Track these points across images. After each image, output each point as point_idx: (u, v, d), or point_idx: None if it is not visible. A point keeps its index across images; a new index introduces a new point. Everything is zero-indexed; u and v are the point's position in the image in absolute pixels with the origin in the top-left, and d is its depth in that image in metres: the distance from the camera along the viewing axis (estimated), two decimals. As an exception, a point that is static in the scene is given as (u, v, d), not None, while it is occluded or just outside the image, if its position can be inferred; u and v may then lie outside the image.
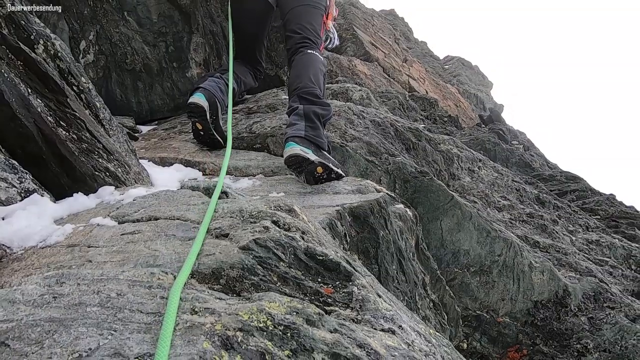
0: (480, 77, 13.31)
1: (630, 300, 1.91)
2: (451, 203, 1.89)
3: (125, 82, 2.96)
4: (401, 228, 1.44)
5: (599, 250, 2.27)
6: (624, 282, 2.05)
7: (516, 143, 3.80)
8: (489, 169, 2.44)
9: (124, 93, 2.97)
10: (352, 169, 1.91)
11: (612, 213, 3.05)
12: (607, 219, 3.06)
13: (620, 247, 2.31)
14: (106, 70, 2.94)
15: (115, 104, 2.95)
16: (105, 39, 2.89)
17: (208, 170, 1.82)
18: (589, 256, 2.18)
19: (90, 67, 2.94)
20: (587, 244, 2.27)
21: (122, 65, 2.92)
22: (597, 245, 2.28)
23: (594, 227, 2.43)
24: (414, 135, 2.19)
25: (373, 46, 9.47)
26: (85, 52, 2.95)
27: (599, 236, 2.34)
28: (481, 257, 1.93)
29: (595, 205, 3.10)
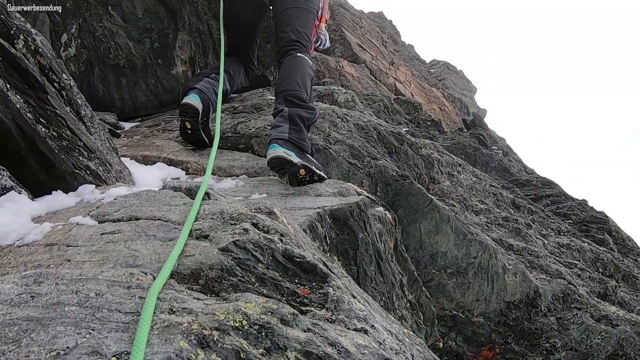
0: (464, 81, 13.58)
1: (595, 301, 2.01)
2: (430, 206, 1.95)
3: (108, 78, 2.91)
4: (380, 230, 1.48)
5: (569, 253, 2.37)
6: (590, 284, 2.16)
7: (496, 148, 3.92)
8: (468, 173, 2.52)
9: (106, 88, 2.92)
10: (335, 171, 1.94)
11: (584, 218, 3.19)
12: (579, 224, 3.19)
13: (589, 250, 2.42)
14: (88, 65, 2.89)
15: (97, 99, 2.90)
16: (88, 33, 2.84)
17: (191, 170, 1.82)
18: (559, 259, 2.28)
19: (71, 60, 2.89)
20: (559, 248, 2.37)
21: (105, 60, 2.87)
22: (567, 248, 2.39)
23: (565, 231, 2.54)
24: (396, 139, 2.25)
25: (361, 48, 9.55)
26: (67, 46, 2.89)
27: (570, 240, 2.45)
28: (458, 259, 1.99)
29: (568, 210, 3.23)
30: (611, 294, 2.16)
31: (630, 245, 3.18)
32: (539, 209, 2.66)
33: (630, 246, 3.18)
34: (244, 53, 2.50)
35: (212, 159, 1.56)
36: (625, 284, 2.40)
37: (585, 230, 3.10)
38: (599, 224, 3.15)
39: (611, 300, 2.13)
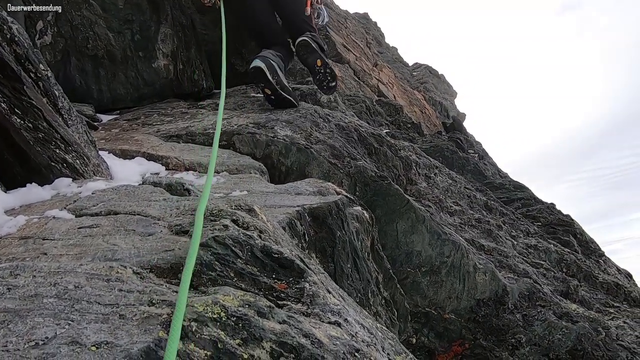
0: (445, 85, 13.89)
1: (558, 299, 2.13)
2: (407, 207, 2.01)
3: (86, 68, 2.84)
4: (358, 229, 1.52)
5: (536, 254, 2.50)
6: (554, 283, 2.28)
7: (472, 152, 4.05)
8: (444, 175, 2.60)
9: (84, 79, 2.85)
10: (316, 170, 1.98)
11: (551, 220, 3.35)
12: (547, 226, 3.35)
13: (554, 251, 2.56)
14: (65, 54, 2.81)
15: (74, 90, 2.82)
16: (66, 21, 2.76)
17: (171, 165, 1.81)
18: (527, 259, 2.40)
19: (47, 49, 2.80)
20: (527, 248, 2.49)
21: (82, 50, 2.80)
22: (534, 249, 2.51)
23: (533, 233, 2.66)
24: (376, 140, 2.30)
25: (345, 48, 9.61)
26: (42, 33, 2.80)
27: (537, 241, 2.57)
28: (432, 258, 2.07)
29: (537, 213, 3.38)
30: (573, 292, 2.29)
31: (593, 247, 3.37)
32: (510, 212, 2.78)
33: (593, 248, 3.37)
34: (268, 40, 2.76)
35: (214, 157, 1.57)
36: (586, 284, 2.55)
37: (552, 232, 3.26)
38: (565, 227, 3.32)
39: (572, 298, 2.26)
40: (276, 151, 1.98)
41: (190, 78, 2.96)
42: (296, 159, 1.97)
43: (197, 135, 2.10)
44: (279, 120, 2.08)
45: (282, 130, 2.01)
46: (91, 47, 2.80)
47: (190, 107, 2.70)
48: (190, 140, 2.09)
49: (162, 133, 2.17)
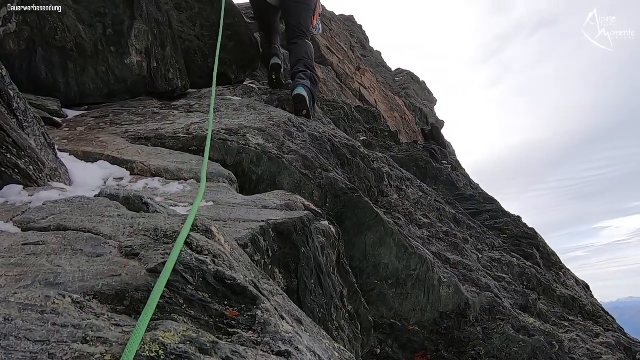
0: (426, 92, 14.16)
1: (517, 313, 2.21)
2: (376, 220, 2.04)
3: (53, 60, 2.72)
4: (323, 244, 1.52)
5: (500, 267, 2.58)
6: (515, 297, 2.36)
7: (446, 163, 4.14)
8: (416, 188, 2.65)
9: (50, 71, 2.73)
10: (287, 180, 1.97)
11: (517, 233, 3.47)
12: (512, 238, 3.47)
13: (516, 265, 2.65)
14: (30, 44, 2.68)
15: (40, 81, 2.70)
16: (32, 10, 2.63)
17: (136, 170, 1.75)
18: (490, 272, 2.47)
19: (10, 37, 2.66)
20: (491, 262, 2.56)
21: (50, 41, 2.68)
22: (498, 263, 2.59)
23: (498, 246, 2.75)
24: (349, 151, 2.31)
25: (329, 50, 9.62)
26: (6, 21, 2.66)
27: (501, 255, 2.66)
28: (398, 271, 2.10)
29: (504, 225, 3.49)
30: (532, 306, 2.38)
31: (554, 260, 3.52)
32: (477, 225, 2.86)
33: (554, 261, 3.51)
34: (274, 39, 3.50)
35: (205, 167, 1.54)
36: (545, 297, 2.66)
37: (517, 244, 3.38)
38: (529, 240, 3.45)
39: (531, 312, 2.34)
40: (247, 159, 1.96)
41: (165, 77, 2.88)
42: (267, 168, 1.96)
43: (166, 139, 2.05)
44: (252, 128, 2.06)
45: (255, 138, 1.99)
46: (59, 38, 2.68)
47: (163, 107, 2.63)
48: (160, 144, 2.03)
49: (130, 134, 2.10)
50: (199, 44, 3.27)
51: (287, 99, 3.02)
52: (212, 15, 3.26)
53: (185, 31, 3.20)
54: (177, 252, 0.76)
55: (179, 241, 0.79)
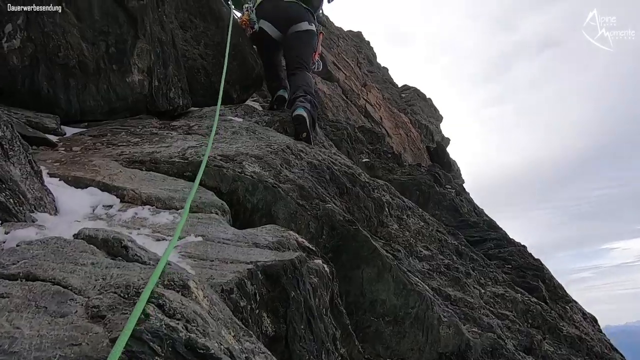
0: (432, 109, 14.15)
1: (521, 356, 2.09)
2: (374, 254, 1.96)
3: (55, 77, 2.71)
4: (316, 285, 1.45)
5: (503, 303, 2.47)
6: (518, 337, 2.25)
7: (449, 187, 4.06)
8: (417, 217, 2.57)
9: (52, 87, 2.72)
10: (282, 210, 1.90)
11: (522, 264, 3.35)
12: (517, 269, 3.35)
13: (521, 302, 2.54)
14: (33, 60, 2.68)
15: (41, 97, 2.69)
16: (36, 26, 2.64)
17: (127, 197, 1.70)
18: (493, 309, 2.36)
19: (14, 52, 2.66)
20: (494, 297, 2.46)
21: (53, 58, 2.67)
22: (502, 299, 2.48)
23: (501, 281, 2.64)
24: (349, 180, 2.25)
25: (335, 67, 9.66)
26: (11, 36, 2.66)
27: (505, 290, 2.55)
28: (396, 308, 2.00)
29: (509, 255, 3.38)
30: (536, 347, 2.26)
31: (560, 293, 3.39)
32: (480, 257, 2.76)
33: (560, 294, 3.39)
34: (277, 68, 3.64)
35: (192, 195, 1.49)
36: (550, 336, 2.53)
37: (522, 276, 3.26)
38: (535, 271, 3.33)
39: (535, 354, 2.23)
40: (242, 188, 1.90)
41: (166, 95, 2.86)
42: (263, 197, 1.90)
43: (161, 163, 2.00)
44: (249, 155, 2.01)
45: (251, 166, 1.93)
46: (62, 55, 2.68)
47: (162, 127, 2.60)
48: (154, 168, 1.99)
49: (125, 157, 2.06)
50: (203, 63, 3.26)
51: (288, 120, 2.98)
52: (216, 35, 3.26)
53: (190, 50, 3.20)
54: (134, 320, 0.68)
55: (137, 308, 0.71)
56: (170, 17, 3.05)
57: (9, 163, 1.31)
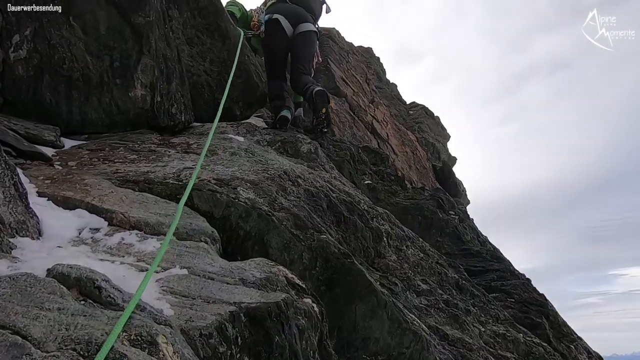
0: (440, 128, 14.08)
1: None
2: (369, 289, 1.87)
3: (59, 88, 2.71)
4: (303, 327, 1.37)
5: (504, 344, 2.35)
6: (519, 384, 2.13)
7: (453, 214, 3.97)
8: (417, 248, 2.48)
9: (54, 98, 2.71)
10: (276, 239, 1.83)
11: (525, 298, 3.23)
12: (520, 303, 3.23)
13: (523, 342, 2.42)
14: (38, 71, 2.68)
15: (43, 107, 2.68)
16: (43, 38, 2.65)
17: (115, 221, 1.65)
18: (493, 350, 2.25)
19: (20, 62, 2.67)
20: (494, 337, 2.35)
21: (57, 70, 2.68)
22: (503, 338, 2.37)
23: (503, 319, 2.53)
24: (347, 208, 2.18)
25: (344, 82, 9.68)
26: (17, 47, 2.68)
27: (506, 330, 2.44)
28: (390, 347, 1.91)
29: (512, 288, 3.26)
30: (538, 394, 2.14)
31: (565, 330, 3.25)
32: (482, 293, 2.66)
33: (565, 332, 3.25)
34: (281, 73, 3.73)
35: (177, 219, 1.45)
36: (553, 381, 2.41)
37: (525, 311, 3.14)
38: (539, 307, 3.20)
39: (537, 402, 2.10)
40: (236, 214, 1.84)
41: (168, 111, 2.84)
42: (256, 224, 1.83)
43: (155, 184, 1.96)
44: (244, 180, 1.95)
45: (245, 192, 1.88)
46: (67, 67, 2.68)
47: (161, 144, 2.57)
48: (147, 189, 1.94)
49: (119, 175, 2.02)
50: (207, 79, 3.25)
51: (290, 140, 2.94)
52: (222, 51, 3.25)
53: (195, 65, 3.19)
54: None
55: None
56: (177, 32, 3.06)
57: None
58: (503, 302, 3.06)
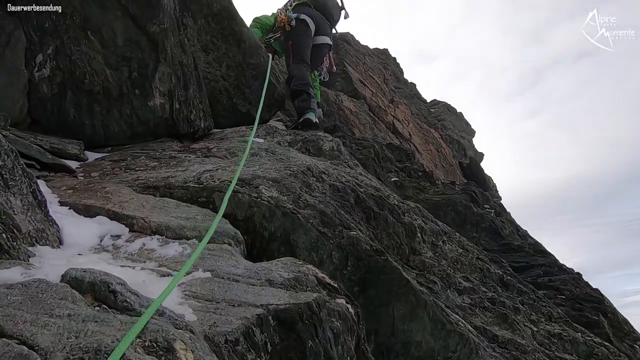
0: (464, 124, 13.65)
1: (589, 414, 1.75)
2: (406, 288, 1.72)
3: (81, 103, 2.74)
4: (338, 330, 1.24)
5: (561, 345, 2.12)
6: (583, 389, 1.89)
7: (488, 207, 3.72)
8: (454, 244, 2.30)
9: (78, 114, 2.75)
10: (302, 239, 1.72)
11: (578, 294, 2.95)
12: (572, 300, 2.95)
13: (582, 343, 2.17)
14: (61, 88, 2.73)
15: (68, 123, 2.72)
16: (65, 56, 2.69)
17: (136, 227, 1.59)
18: (549, 352, 2.03)
19: (44, 81, 2.73)
20: (549, 337, 2.12)
21: (79, 85, 2.71)
22: (559, 339, 2.14)
23: (557, 317, 2.29)
24: (376, 203, 2.04)
25: (362, 84, 9.56)
26: (41, 66, 2.73)
27: (562, 329, 2.20)
28: (434, 352, 1.74)
29: (561, 284, 2.99)
30: (606, 401, 1.90)
31: (627, 329, 2.93)
32: (530, 289, 2.43)
33: (627, 330, 2.93)
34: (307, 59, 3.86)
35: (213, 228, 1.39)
36: (621, 385, 2.14)
37: (579, 309, 2.86)
38: (594, 303, 2.91)
39: (606, 409, 1.86)
40: (259, 214, 1.75)
41: (187, 118, 2.81)
42: (281, 224, 1.73)
43: (175, 189, 1.90)
44: (266, 179, 1.86)
45: (268, 190, 1.78)
46: (88, 82, 2.71)
47: (181, 151, 2.53)
48: (168, 194, 1.89)
49: (140, 182, 1.98)
50: (225, 84, 3.22)
51: (311, 139, 2.84)
52: (237, 55, 3.22)
53: (212, 72, 3.17)
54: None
55: None
56: (193, 40, 3.05)
57: (9, 193, 1.24)
58: (553, 299, 2.80)
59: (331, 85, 8.33)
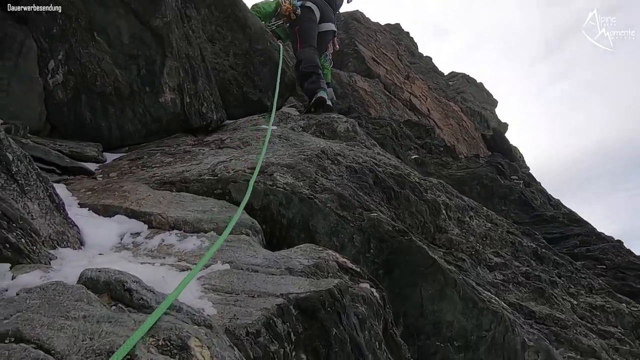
0: (485, 94, 13.09)
1: (639, 388, 1.64)
2: (433, 268, 1.65)
3: (95, 105, 2.77)
4: (364, 315, 1.19)
5: (604, 317, 2.00)
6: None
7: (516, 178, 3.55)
8: (482, 218, 2.19)
9: (93, 116, 2.78)
10: (322, 224, 1.67)
11: (619, 263, 2.78)
12: (614, 269, 2.78)
13: (628, 314, 2.04)
14: (76, 92, 2.76)
15: (85, 127, 2.76)
16: (75, 59, 2.71)
17: (155, 223, 1.59)
18: (592, 325, 1.92)
19: (59, 87, 2.76)
20: (591, 310, 2.00)
21: (91, 88, 2.73)
22: (602, 311, 2.02)
23: (598, 288, 2.16)
24: (396, 182, 1.96)
25: (375, 62, 9.28)
26: (54, 72, 2.77)
27: (605, 300, 2.07)
28: (466, 331, 1.67)
29: (601, 253, 2.83)
30: (658, 373, 1.78)
31: (676, 297, 2.75)
32: (566, 261, 2.29)
33: (676, 298, 2.74)
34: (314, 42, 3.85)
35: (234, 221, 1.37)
36: (674, 356, 2.00)
37: (622, 278, 2.70)
38: (638, 271, 2.74)
39: (658, 383, 1.75)
40: (275, 202, 1.71)
41: (199, 111, 2.79)
42: (298, 210, 1.69)
43: (190, 182, 1.88)
44: (280, 165, 1.81)
45: (283, 177, 1.74)
46: (99, 84, 2.73)
47: (196, 144, 2.52)
48: (184, 188, 1.88)
49: (157, 179, 1.98)
50: (233, 74, 3.17)
51: (325, 122, 2.76)
52: (244, 43, 3.16)
53: (220, 62, 3.13)
54: None
55: None
56: (198, 31, 3.00)
57: (26, 198, 1.25)
58: (592, 269, 2.66)
59: (343, 66, 8.12)
